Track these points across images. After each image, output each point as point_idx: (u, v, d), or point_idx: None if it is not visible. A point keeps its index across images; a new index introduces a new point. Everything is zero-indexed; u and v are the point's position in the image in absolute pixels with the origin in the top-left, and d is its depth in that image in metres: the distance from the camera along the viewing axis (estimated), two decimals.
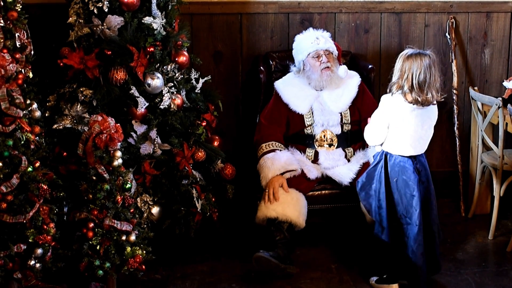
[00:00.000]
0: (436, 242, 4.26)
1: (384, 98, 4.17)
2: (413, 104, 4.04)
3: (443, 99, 4.18)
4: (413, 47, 4.17)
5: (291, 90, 4.85)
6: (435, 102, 4.12)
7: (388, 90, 4.15)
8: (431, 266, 4.30)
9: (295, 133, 4.85)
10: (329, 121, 4.77)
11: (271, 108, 4.88)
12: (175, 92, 4.57)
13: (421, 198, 4.15)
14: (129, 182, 3.91)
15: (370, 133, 4.26)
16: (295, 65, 4.94)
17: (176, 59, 4.61)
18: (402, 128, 4.11)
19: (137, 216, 4.05)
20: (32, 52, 3.90)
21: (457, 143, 5.51)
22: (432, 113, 4.17)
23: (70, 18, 4.44)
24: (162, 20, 4.50)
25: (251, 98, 5.27)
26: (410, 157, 4.15)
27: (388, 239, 4.20)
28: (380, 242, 4.26)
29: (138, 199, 4.42)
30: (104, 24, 4.38)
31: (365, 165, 4.64)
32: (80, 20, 4.43)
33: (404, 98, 4.05)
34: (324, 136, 4.79)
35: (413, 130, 4.12)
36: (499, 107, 4.82)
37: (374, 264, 4.43)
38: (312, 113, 4.78)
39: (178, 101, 4.56)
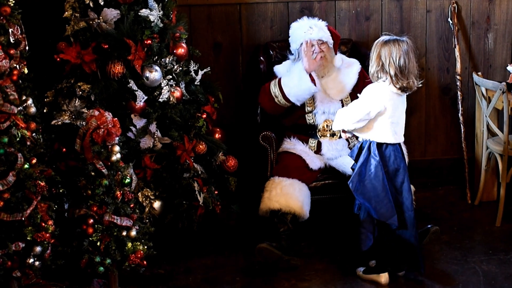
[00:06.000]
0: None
1: (372, 88, 4.16)
2: (401, 91, 4.09)
3: (420, 85, 4.21)
4: (390, 33, 4.17)
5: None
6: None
7: (372, 79, 4.17)
8: None
9: (298, 124, 4.81)
10: (330, 108, 4.72)
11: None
12: (174, 85, 4.54)
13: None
14: (128, 177, 3.88)
15: (345, 116, 4.23)
16: (292, 53, 4.88)
17: (174, 51, 4.58)
18: (392, 116, 4.13)
19: (137, 211, 4.01)
20: (27, 48, 3.86)
21: (462, 130, 5.45)
22: (405, 100, 4.23)
23: (66, 12, 4.41)
24: (159, 12, 4.46)
25: (252, 89, 5.22)
26: (396, 144, 4.19)
27: (397, 224, 4.18)
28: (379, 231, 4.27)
29: (139, 194, 4.39)
30: (100, 17, 4.34)
31: None
32: (76, 14, 4.40)
33: (393, 84, 4.07)
34: (327, 125, 4.74)
35: (400, 117, 4.17)
36: (503, 92, 4.77)
37: (358, 254, 4.40)
38: (313, 100, 4.72)
39: (177, 93, 4.53)
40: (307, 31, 4.72)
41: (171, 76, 4.53)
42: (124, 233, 3.83)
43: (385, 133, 4.16)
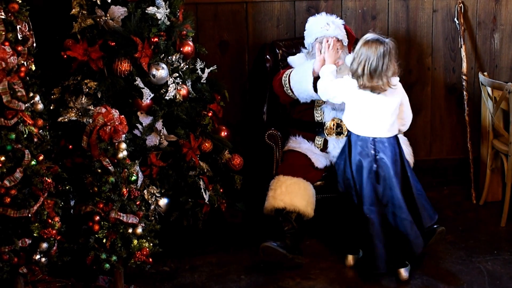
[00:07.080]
0: (409, 226, 4.25)
1: (346, 78, 4.30)
2: (363, 89, 4.15)
3: (394, 87, 4.19)
4: (375, 32, 4.22)
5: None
6: (388, 88, 4.15)
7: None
8: (409, 245, 4.29)
9: (305, 121, 4.81)
10: (341, 105, 4.71)
11: None
12: (180, 83, 4.54)
13: (376, 179, 4.22)
14: (134, 174, 3.88)
15: (326, 84, 4.38)
16: (306, 47, 4.88)
17: (181, 49, 4.58)
18: (357, 109, 4.23)
19: (143, 208, 4.01)
20: (35, 45, 3.86)
21: (467, 130, 5.44)
22: (391, 98, 4.21)
23: (73, 10, 4.40)
24: (166, 10, 4.46)
25: (258, 88, 5.22)
26: (365, 137, 4.23)
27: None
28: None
29: (145, 191, 4.39)
30: (108, 15, 4.34)
31: None
32: (83, 11, 4.39)
33: (356, 81, 4.16)
34: (334, 125, 4.73)
35: (365, 112, 4.20)
36: (509, 92, 4.76)
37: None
38: None
39: (183, 91, 4.53)
40: (323, 27, 4.72)
41: (177, 74, 4.54)
42: (130, 230, 3.83)
43: (351, 122, 4.28)
